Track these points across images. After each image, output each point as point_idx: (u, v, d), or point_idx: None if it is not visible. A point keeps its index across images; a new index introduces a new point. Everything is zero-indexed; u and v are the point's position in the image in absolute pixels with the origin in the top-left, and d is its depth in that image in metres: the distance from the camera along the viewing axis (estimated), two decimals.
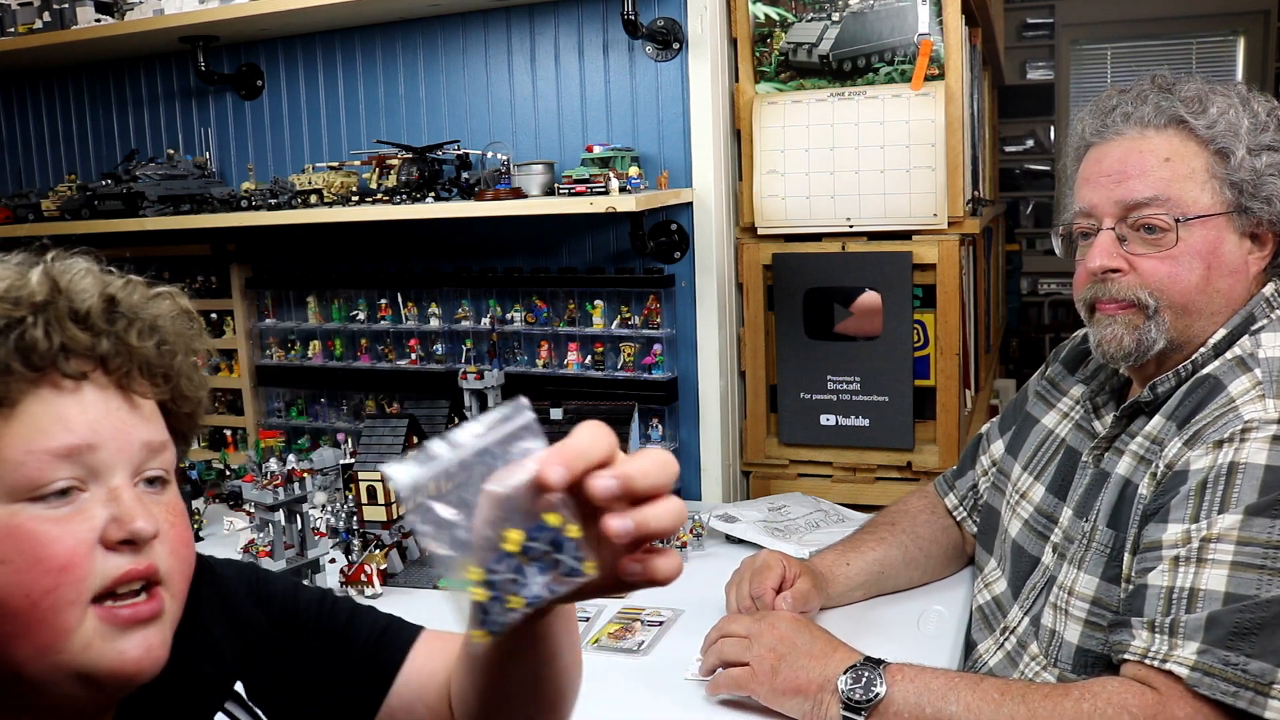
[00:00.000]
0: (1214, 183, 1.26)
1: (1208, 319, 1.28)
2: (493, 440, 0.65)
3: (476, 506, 0.64)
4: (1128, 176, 1.28)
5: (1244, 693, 1.05)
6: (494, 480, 0.63)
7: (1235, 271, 1.27)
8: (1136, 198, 1.27)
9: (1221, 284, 1.27)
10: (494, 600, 0.63)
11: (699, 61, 2.06)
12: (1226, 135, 1.25)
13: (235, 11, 2.13)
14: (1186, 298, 1.27)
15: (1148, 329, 1.28)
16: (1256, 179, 1.25)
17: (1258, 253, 1.29)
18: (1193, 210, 1.26)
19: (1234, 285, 1.28)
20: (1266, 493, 1.11)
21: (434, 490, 0.63)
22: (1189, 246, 1.26)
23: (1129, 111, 1.31)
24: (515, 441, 0.65)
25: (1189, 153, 1.27)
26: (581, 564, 0.64)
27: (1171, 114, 1.28)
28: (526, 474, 0.63)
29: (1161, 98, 1.30)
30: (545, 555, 0.63)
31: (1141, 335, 1.28)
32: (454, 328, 2.34)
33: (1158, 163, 1.28)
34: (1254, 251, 1.29)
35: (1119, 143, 1.31)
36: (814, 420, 2.17)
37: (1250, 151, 1.25)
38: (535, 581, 0.63)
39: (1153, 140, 1.29)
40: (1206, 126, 1.26)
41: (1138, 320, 1.29)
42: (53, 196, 2.51)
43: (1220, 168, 1.26)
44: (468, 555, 0.64)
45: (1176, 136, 1.28)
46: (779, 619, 1.32)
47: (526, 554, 0.63)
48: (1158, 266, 1.27)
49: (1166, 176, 1.27)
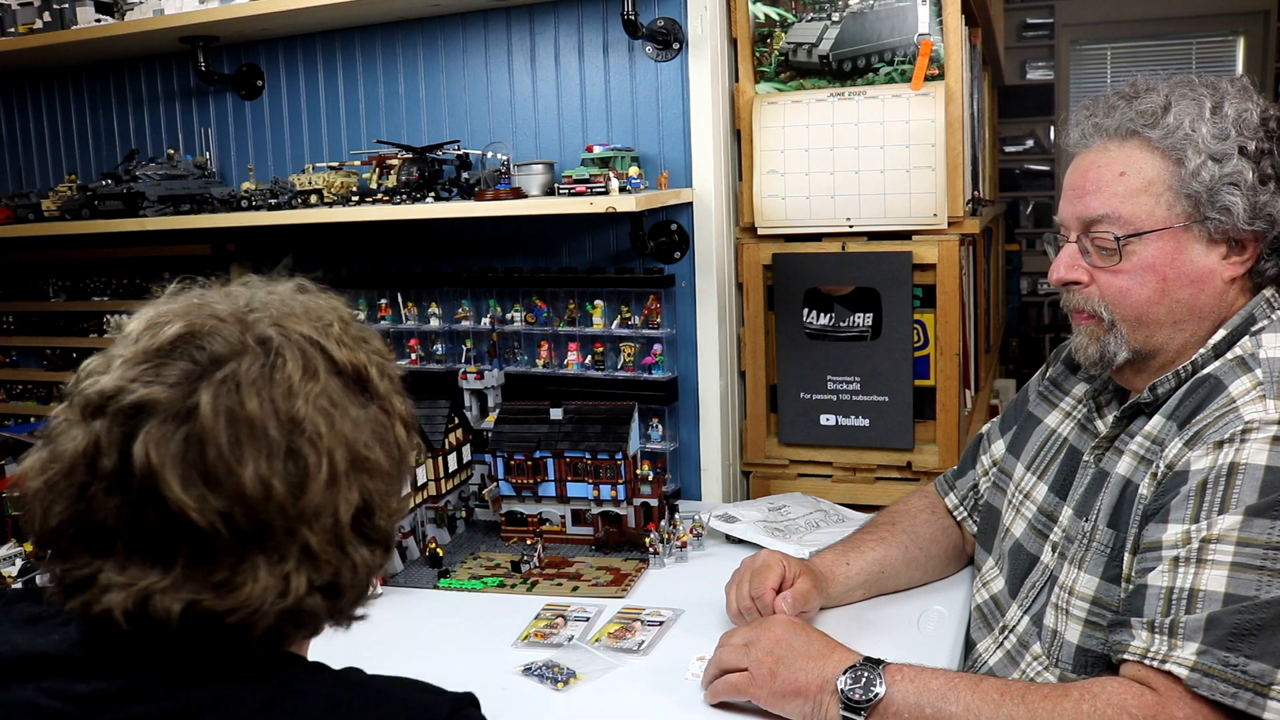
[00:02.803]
0: (1169, 194, 1.26)
1: (1171, 328, 1.28)
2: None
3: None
4: (1085, 192, 1.30)
5: (1243, 693, 1.05)
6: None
7: (1198, 280, 1.27)
8: (1091, 214, 1.29)
9: (1181, 294, 1.27)
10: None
11: (699, 61, 2.06)
12: (1183, 145, 1.25)
13: (235, 12, 2.13)
14: (1139, 311, 1.28)
15: (1108, 341, 1.31)
16: (1211, 190, 1.24)
17: (1235, 258, 1.27)
18: (1145, 225, 1.26)
19: (1196, 294, 1.27)
20: (1267, 494, 1.11)
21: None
22: (1141, 260, 1.27)
23: (1099, 122, 1.32)
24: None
25: (1145, 164, 1.27)
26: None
27: (1129, 126, 1.29)
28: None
29: (1126, 107, 1.30)
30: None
31: (1103, 346, 1.31)
32: (454, 328, 2.34)
33: (1113, 177, 1.28)
34: (1230, 257, 1.27)
35: (1086, 155, 1.33)
36: (814, 420, 2.17)
37: (1211, 159, 1.24)
38: None
39: (1112, 154, 1.30)
40: (1162, 137, 1.26)
41: (1099, 332, 1.32)
42: (53, 196, 2.51)
43: (1176, 178, 1.25)
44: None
45: (1135, 148, 1.28)
46: (775, 623, 1.33)
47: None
48: (1111, 281, 1.29)
49: (1120, 192, 1.27)
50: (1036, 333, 6.40)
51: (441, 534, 1.95)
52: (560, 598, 1.68)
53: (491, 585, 1.74)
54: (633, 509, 1.90)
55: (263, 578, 0.77)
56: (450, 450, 1.98)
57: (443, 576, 1.79)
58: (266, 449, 0.76)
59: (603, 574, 1.77)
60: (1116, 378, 1.37)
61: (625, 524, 1.90)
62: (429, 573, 1.81)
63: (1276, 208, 1.25)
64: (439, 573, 1.80)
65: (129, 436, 0.75)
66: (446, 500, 1.98)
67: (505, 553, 1.89)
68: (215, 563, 0.76)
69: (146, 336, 0.80)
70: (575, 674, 1.40)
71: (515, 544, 1.92)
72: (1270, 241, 1.26)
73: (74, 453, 0.77)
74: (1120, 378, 1.36)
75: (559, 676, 1.38)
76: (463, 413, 2.10)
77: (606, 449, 1.88)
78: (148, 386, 0.76)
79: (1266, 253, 1.27)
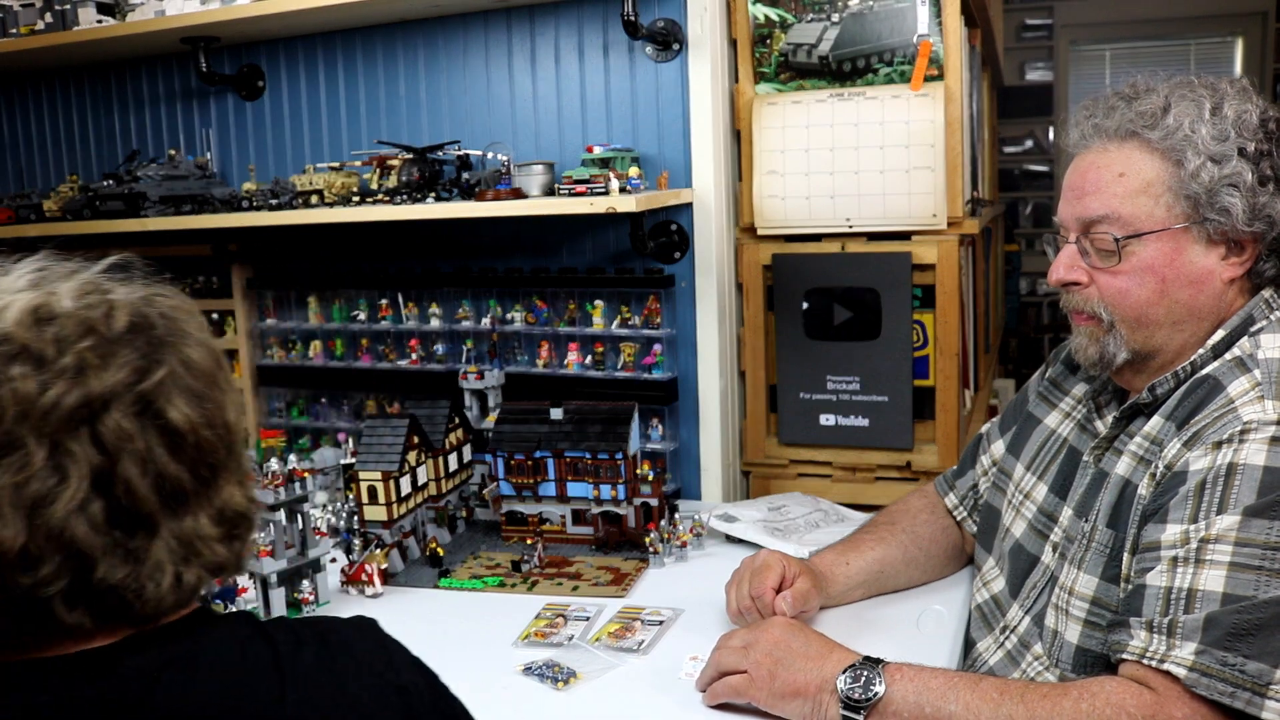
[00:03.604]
0: (1168, 195, 1.26)
1: (1170, 329, 1.28)
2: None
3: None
4: (1085, 193, 1.30)
5: (1241, 693, 1.05)
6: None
7: (1197, 281, 1.27)
8: (1090, 215, 1.29)
9: (1180, 295, 1.27)
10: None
11: (699, 62, 2.07)
12: (1182, 146, 1.25)
13: (236, 12, 2.14)
14: (1138, 311, 1.28)
15: (1107, 342, 1.31)
16: (1210, 191, 1.24)
17: (1234, 259, 1.27)
18: (1145, 226, 1.26)
19: (1195, 295, 1.27)
20: (1265, 494, 1.11)
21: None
22: (1140, 261, 1.27)
23: (1098, 123, 1.32)
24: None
25: (1145, 165, 1.27)
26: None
27: (1128, 127, 1.29)
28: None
29: (1126, 108, 1.30)
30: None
31: (1103, 347, 1.31)
32: (454, 328, 2.34)
33: (1112, 178, 1.28)
34: (1229, 258, 1.27)
35: (1086, 156, 1.33)
36: (814, 420, 2.18)
37: (1210, 160, 1.24)
38: None
39: (1112, 154, 1.30)
40: (1161, 138, 1.26)
41: (1099, 333, 1.32)
42: (54, 197, 2.52)
43: (1175, 179, 1.25)
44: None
45: (1135, 149, 1.28)
46: (773, 624, 1.33)
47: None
48: (1110, 282, 1.29)
49: (1120, 193, 1.27)
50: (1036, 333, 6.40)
51: (442, 534, 1.96)
52: (560, 597, 1.68)
53: (492, 585, 1.75)
54: (633, 509, 1.90)
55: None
56: (450, 450, 1.99)
57: (443, 576, 1.79)
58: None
59: (603, 574, 1.78)
60: (1116, 378, 1.38)
61: (625, 524, 1.90)
62: (429, 572, 1.81)
63: (1275, 209, 1.25)
64: (439, 572, 1.80)
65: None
66: (447, 500, 1.98)
67: (505, 552, 1.89)
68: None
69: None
70: (575, 674, 1.40)
71: (515, 544, 1.93)
72: (1269, 242, 1.27)
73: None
74: (1120, 378, 1.37)
75: (559, 676, 1.39)
76: (463, 413, 2.11)
77: (606, 449, 1.89)
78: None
79: (1265, 254, 1.27)
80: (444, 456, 1.96)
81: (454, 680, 0.92)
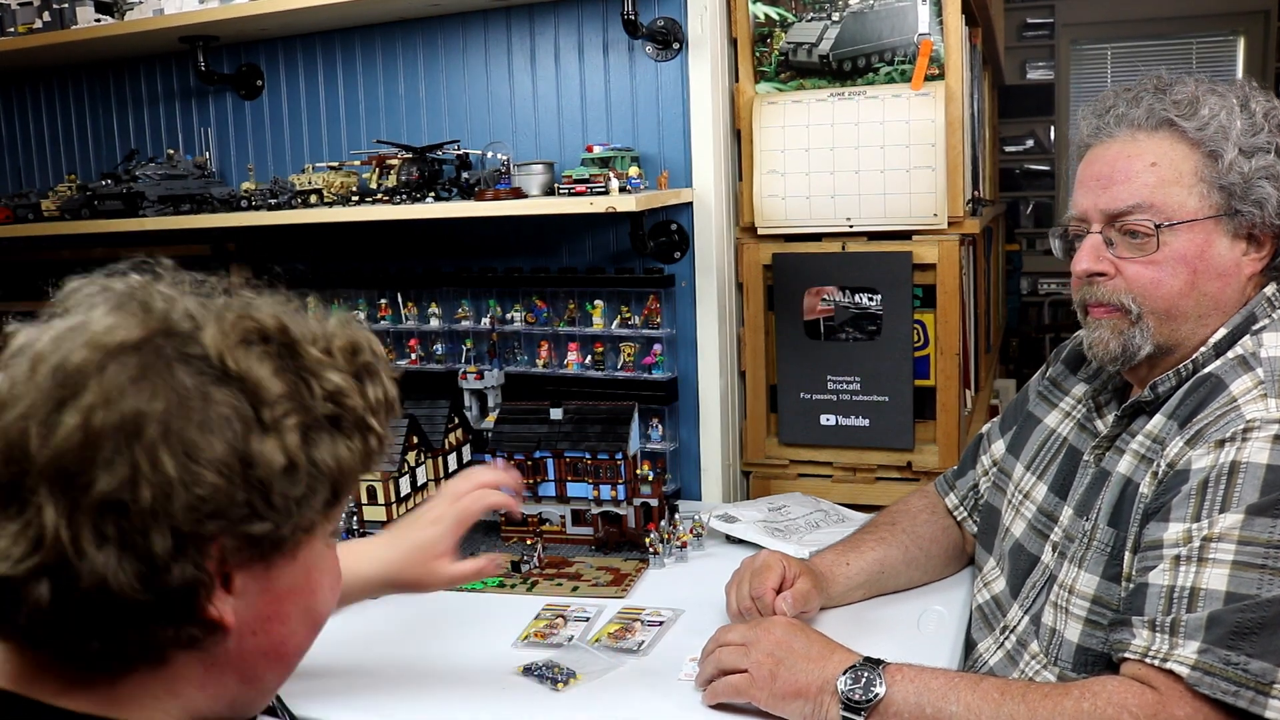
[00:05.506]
0: (1202, 186, 1.26)
1: (1195, 322, 1.28)
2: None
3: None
4: (1114, 182, 1.29)
5: (1244, 692, 1.05)
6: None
7: (1224, 274, 1.27)
8: (1120, 204, 1.28)
9: (1209, 287, 1.27)
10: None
11: (699, 61, 2.06)
12: (1217, 137, 1.25)
13: (235, 11, 2.13)
14: (1169, 303, 1.27)
15: (1133, 334, 1.29)
16: (1246, 182, 1.24)
17: (1254, 254, 1.28)
18: (1178, 215, 1.26)
19: (1223, 288, 1.27)
20: (1268, 492, 1.11)
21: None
22: (1173, 251, 1.26)
23: (1123, 113, 1.31)
24: None
25: (1178, 155, 1.27)
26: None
27: (1162, 116, 1.28)
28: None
29: (1155, 99, 1.29)
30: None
31: (1127, 340, 1.29)
32: (454, 328, 2.34)
33: (1144, 167, 1.28)
34: (1250, 253, 1.28)
35: (1111, 145, 1.31)
36: (814, 420, 2.17)
37: (1243, 153, 1.24)
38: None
39: (1142, 144, 1.29)
40: (1197, 129, 1.26)
41: (1123, 325, 1.30)
42: (53, 196, 2.51)
43: (1210, 170, 1.25)
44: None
45: (1167, 139, 1.28)
46: (774, 624, 1.32)
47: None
48: (1141, 272, 1.28)
49: (1151, 182, 1.27)
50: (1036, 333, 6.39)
51: None
52: (560, 598, 1.68)
53: (491, 585, 1.74)
54: (633, 509, 1.90)
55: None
56: (450, 450, 1.98)
57: None
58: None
59: (603, 574, 1.77)
60: (1129, 375, 1.36)
61: (625, 524, 1.90)
62: None
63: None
64: None
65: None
66: None
67: (505, 552, 1.89)
68: None
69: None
70: (575, 674, 1.39)
71: (515, 544, 1.92)
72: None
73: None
74: (1134, 375, 1.35)
75: (559, 676, 1.38)
76: (463, 413, 2.10)
77: (606, 449, 1.88)
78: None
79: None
80: (443, 456, 1.96)
81: (454, 680, 0.91)
